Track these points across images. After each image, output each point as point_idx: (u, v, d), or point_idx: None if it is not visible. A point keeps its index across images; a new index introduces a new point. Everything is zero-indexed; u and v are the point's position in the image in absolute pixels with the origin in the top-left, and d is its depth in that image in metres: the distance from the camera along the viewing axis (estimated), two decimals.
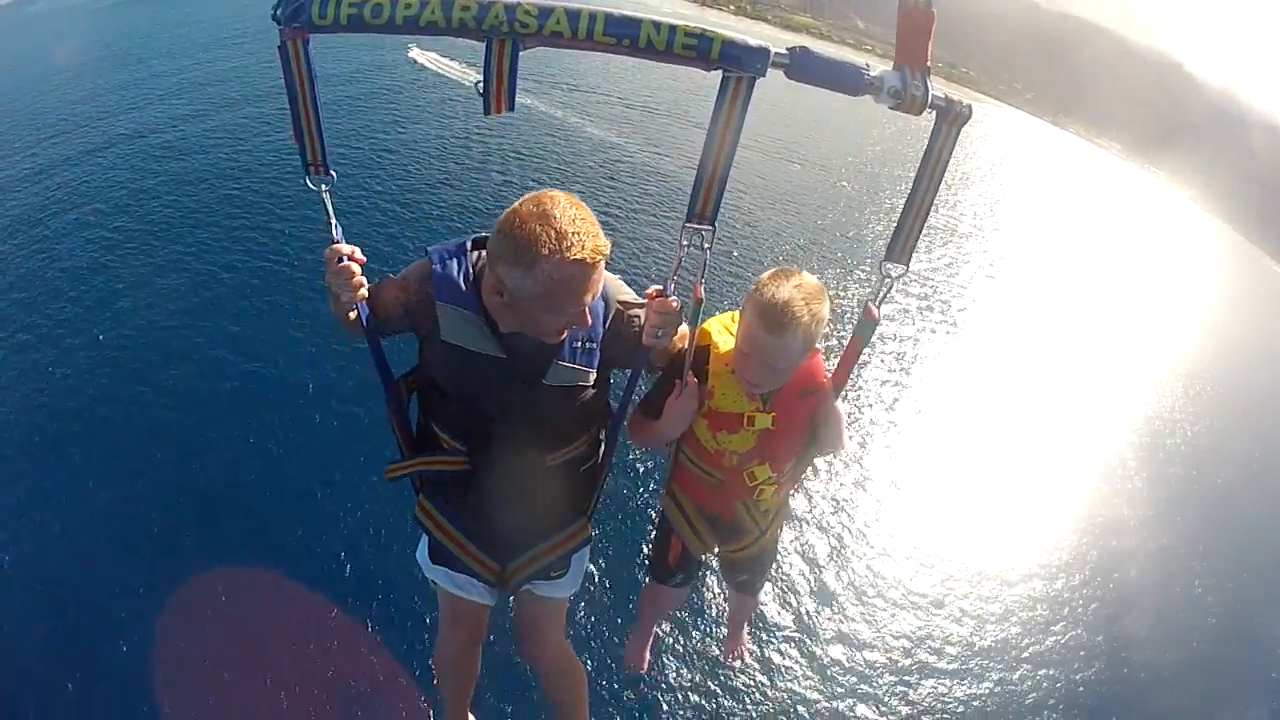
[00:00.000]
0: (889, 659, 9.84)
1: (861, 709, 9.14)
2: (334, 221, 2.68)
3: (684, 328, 3.00)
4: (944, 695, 9.59)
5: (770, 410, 3.18)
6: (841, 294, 17.87)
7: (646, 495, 10.38)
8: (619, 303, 2.98)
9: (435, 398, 3.08)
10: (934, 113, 2.46)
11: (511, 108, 2.27)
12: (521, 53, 2.21)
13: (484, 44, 2.20)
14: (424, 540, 3.52)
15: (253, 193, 17.16)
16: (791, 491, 3.78)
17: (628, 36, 2.16)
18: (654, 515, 9.32)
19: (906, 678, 9.68)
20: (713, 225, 2.52)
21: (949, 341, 18.13)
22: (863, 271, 19.49)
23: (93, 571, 8.83)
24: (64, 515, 9.42)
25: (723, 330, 3.22)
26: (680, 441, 3.44)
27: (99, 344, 12.18)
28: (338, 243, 2.68)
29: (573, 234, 2.44)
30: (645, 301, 2.90)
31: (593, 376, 3.02)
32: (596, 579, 8.92)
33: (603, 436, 3.43)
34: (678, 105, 28.25)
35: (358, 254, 2.72)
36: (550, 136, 24.27)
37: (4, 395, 11.12)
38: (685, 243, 2.55)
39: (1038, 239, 28.36)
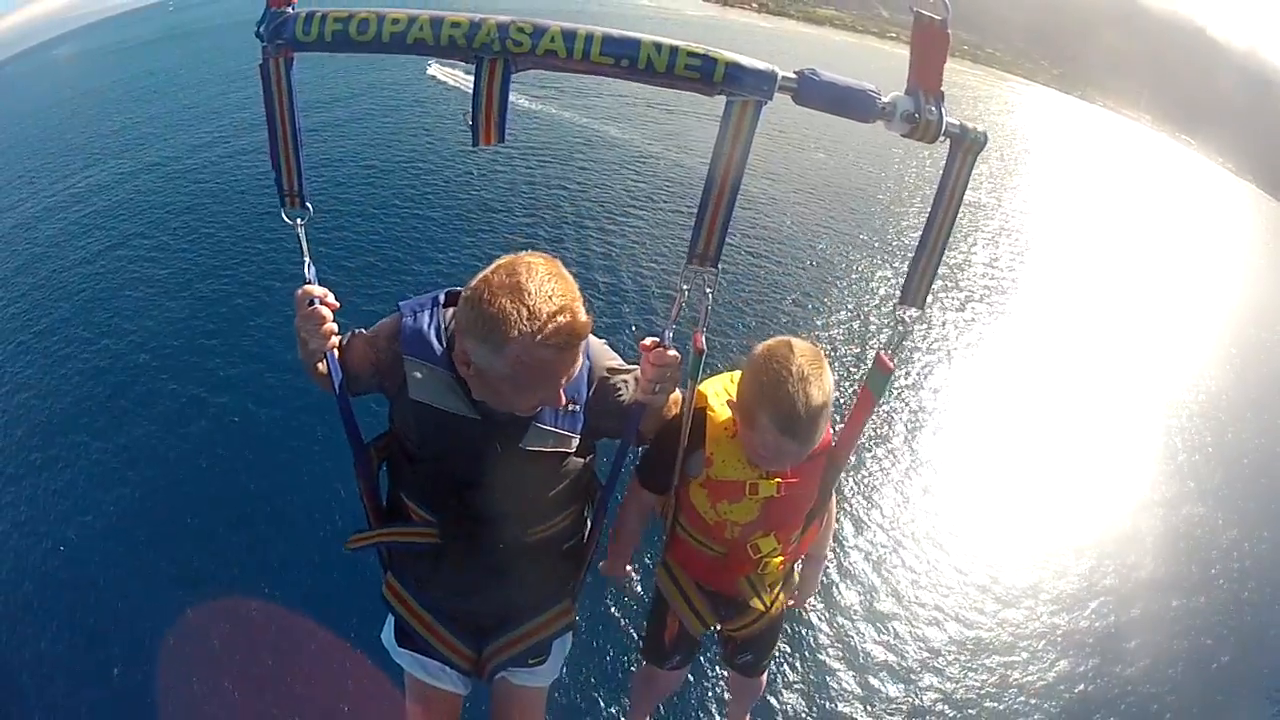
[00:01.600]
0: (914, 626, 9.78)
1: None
2: (307, 259, 2.47)
3: (676, 393, 2.70)
4: (970, 657, 9.51)
5: (774, 476, 2.89)
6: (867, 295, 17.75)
7: (640, 568, 9.84)
8: (605, 369, 2.72)
9: (405, 464, 2.81)
10: (947, 141, 2.27)
11: (502, 138, 2.09)
12: (514, 75, 2.06)
13: (474, 65, 2.05)
14: (390, 620, 3.21)
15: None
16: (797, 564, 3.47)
17: (626, 57, 2.02)
18: (648, 591, 8.86)
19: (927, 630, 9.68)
20: (716, 267, 2.28)
21: (986, 315, 17.92)
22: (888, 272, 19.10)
23: (132, 574, 9.06)
24: (106, 519, 9.77)
25: (720, 393, 2.95)
26: (677, 512, 3.17)
27: (142, 351, 12.69)
28: (309, 284, 2.48)
29: (547, 314, 2.20)
30: (632, 368, 2.69)
31: (575, 443, 2.72)
32: (584, 661, 8.36)
33: (589, 514, 3.13)
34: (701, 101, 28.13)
35: (330, 299, 2.50)
36: (577, 140, 24.48)
37: (52, 401, 11.69)
38: (686, 286, 2.30)
39: (1073, 214, 27.81)
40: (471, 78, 2.06)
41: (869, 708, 8.67)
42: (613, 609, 9.00)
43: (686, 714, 8.26)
